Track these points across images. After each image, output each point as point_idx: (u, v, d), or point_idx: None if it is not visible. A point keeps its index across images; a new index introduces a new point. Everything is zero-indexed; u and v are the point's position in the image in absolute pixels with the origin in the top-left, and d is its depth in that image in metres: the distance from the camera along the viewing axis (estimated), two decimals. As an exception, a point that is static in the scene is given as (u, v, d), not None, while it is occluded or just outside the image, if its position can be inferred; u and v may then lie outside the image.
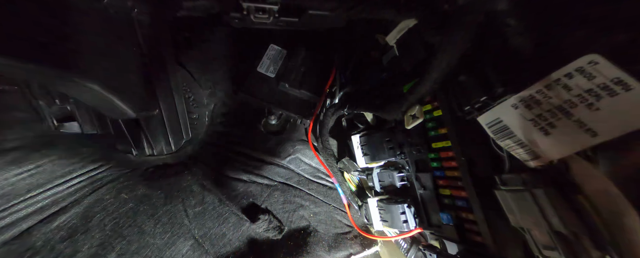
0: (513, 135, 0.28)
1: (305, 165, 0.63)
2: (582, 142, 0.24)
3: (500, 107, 0.29)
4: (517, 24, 0.28)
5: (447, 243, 0.38)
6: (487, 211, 0.32)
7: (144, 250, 0.48)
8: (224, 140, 0.61)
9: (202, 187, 0.56)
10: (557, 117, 0.25)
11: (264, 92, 0.58)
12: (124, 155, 0.56)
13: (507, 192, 0.30)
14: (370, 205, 0.50)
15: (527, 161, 0.28)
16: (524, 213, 0.28)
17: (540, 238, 0.28)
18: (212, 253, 0.52)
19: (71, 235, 0.46)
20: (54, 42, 0.32)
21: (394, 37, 0.45)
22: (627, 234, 0.23)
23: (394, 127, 0.47)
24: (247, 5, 0.46)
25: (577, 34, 0.25)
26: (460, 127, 0.34)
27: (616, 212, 0.23)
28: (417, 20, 0.40)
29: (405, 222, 0.43)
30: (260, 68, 0.59)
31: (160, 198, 0.53)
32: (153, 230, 0.50)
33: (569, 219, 0.25)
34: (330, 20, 0.51)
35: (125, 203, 0.51)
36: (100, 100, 0.42)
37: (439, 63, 0.31)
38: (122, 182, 0.53)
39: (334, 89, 0.56)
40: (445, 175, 0.38)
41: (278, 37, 0.61)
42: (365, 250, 0.59)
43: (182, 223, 0.52)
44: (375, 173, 0.50)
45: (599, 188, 0.24)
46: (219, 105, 0.62)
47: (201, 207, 0.55)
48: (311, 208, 0.61)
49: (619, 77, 0.22)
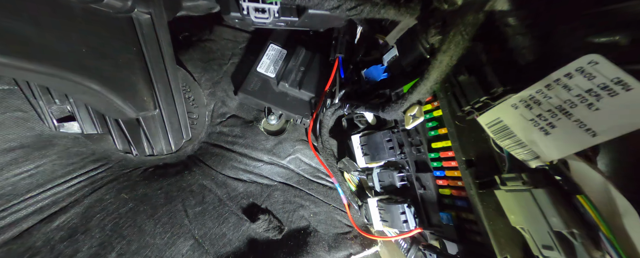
0: (513, 135, 0.28)
1: (305, 165, 0.63)
2: (582, 142, 0.24)
3: (500, 107, 0.29)
4: (517, 23, 0.28)
5: (447, 243, 0.38)
6: (487, 211, 0.32)
7: (144, 250, 0.48)
8: (224, 140, 0.61)
9: (202, 187, 0.56)
10: (557, 117, 0.25)
11: (263, 92, 0.58)
12: (124, 155, 0.56)
13: (507, 192, 0.30)
14: (370, 205, 0.50)
15: (527, 161, 0.28)
16: (523, 213, 0.28)
17: (540, 238, 0.28)
18: (212, 253, 0.52)
19: (71, 235, 0.46)
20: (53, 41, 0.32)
21: (394, 37, 0.45)
22: (626, 234, 0.23)
23: (394, 127, 0.47)
24: (247, 5, 0.46)
25: (577, 34, 0.26)
26: (460, 127, 0.34)
27: (616, 212, 0.23)
28: (417, 20, 0.40)
29: (405, 222, 0.43)
30: (260, 68, 0.59)
31: (160, 198, 0.53)
32: (153, 230, 0.50)
33: (569, 219, 0.25)
34: (330, 20, 0.52)
35: (125, 203, 0.51)
36: (100, 100, 0.42)
37: (438, 63, 0.31)
38: (122, 182, 0.53)
39: (333, 89, 0.56)
40: (445, 175, 0.38)
41: (278, 37, 0.61)
42: (365, 250, 0.59)
43: (182, 223, 0.52)
44: (375, 173, 0.50)
45: (599, 188, 0.24)
46: (219, 105, 0.62)
47: (201, 207, 0.55)
48: (311, 208, 0.61)
49: (619, 77, 0.22)
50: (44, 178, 0.48)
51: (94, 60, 0.37)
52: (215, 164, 0.59)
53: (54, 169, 0.49)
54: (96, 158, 0.53)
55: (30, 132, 0.47)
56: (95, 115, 0.51)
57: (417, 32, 0.39)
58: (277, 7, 0.47)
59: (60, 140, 0.50)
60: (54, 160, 0.49)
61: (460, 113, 0.33)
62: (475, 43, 0.31)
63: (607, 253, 0.24)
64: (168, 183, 0.55)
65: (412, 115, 0.40)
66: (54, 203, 0.48)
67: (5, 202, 0.44)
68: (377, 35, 0.50)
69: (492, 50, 0.31)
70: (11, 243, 0.44)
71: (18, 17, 0.28)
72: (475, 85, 0.30)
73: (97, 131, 0.52)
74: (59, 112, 0.49)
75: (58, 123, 0.49)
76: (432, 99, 0.38)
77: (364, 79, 0.52)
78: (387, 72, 0.49)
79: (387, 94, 0.47)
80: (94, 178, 0.52)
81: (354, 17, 0.46)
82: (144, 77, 0.46)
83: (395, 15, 0.40)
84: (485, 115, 0.30)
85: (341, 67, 0.55)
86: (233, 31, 0.64)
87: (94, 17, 0.36)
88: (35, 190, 0.47)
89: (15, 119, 0.46)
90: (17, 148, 0.46)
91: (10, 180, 0.45)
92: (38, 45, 0.30)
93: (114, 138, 0.53)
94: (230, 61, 0.63)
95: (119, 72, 0.41)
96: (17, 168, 0.46)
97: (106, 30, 0.38)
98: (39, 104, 0.47)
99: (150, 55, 0.44)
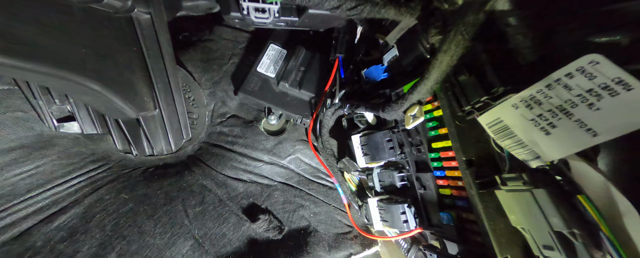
0: (513, 135, 0.28)
1: (305, 165, 0.63)
2: (582, 142, 0.24)
3: (500, 107, 0.29)
4: (517, 23, 0.28)
5: (448, 243, 0.38)
6: (487, 211, 0.32)
7: (144, 250, 0.48)
8: (224, 140, 0.61)
9: (202, 187, 0.56)
10: (557, 117, 0.25)
11: (263, 92, 0.58)
12: (124, 155, 0.56)
13: (508, 192, 0.30)
14: (370, 205, 0.50)
15: (528, 161, 0.28)
16: (524, 213, 0.28)
17: (540, 238, 0.27)
18: (212, 253, 0.51)
19: (71, 235, 0.46)
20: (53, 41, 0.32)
21: (394, 37, 0.45)
22: (627, 234, 0.23)
23: (394, 127, 0.47)
24: (247, 5, 0.46)
25: (578, 34, 0.25)
26: (460, 127, 0.34)
27: (616, 212, 0.23)
28: (417, 20, 0.40)
29: (406, 222, 0.43)
30: (260, 68, 0.59)
31: (160, 199, 0.53)
32: (153, 230, 0.50)
33: (569, 219, 0.25)
34: (331, 20, 0.51)
35: (125, 204, 0.51)
36: (100, 100, 0.42)
37: (439, 63, 0.31)
38: (122, 182, 0.53)
39: (334, 89, 0.56)
40: (445, 175, 0.38)
41: (278, 37, 0.61)
42: (365, 250, 0.59)
43: (182, 224, 0.52)
44: (376, 173, 0.50)
45: (599, 188, 0.24)
46: (219, 105, 0.62)
47: (201, 207, 0.54)
48: (311, 208, 0.60)
49: (619, 77, 0.22)
50: (44, 178, 0.48)
51: (94, 60, 0.37)
52: (215, 164, 0.59)
53: (54, 169, 0.49)
54: (96, 159, 0.53)
55: (30, 132, 0.47)
56: (95, 115, 0.51)
57: (417, 32, 0.39)
58: (277, 7, 0.47)
59: (60, 140, 0.50)
60: (54, 160, 0.49)
61: (460, 113, 0.33)
62: (476, 43, 0.31)
63: (608, 253, 0.24)
64: (168, 184, 0.55)
65: (412, 115, 0.40)
66: (54, 203, 0.48)
67: (5, 202, 0.44)
68: (378, 35, 0.50)
69: (493, 50, 0.31)
70: (11, 244, 0.44)
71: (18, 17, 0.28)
72: (475, 85, 0.30)
73: (97, 131, 0.52)
74: (59, 112, 0.49)
75: (58, 123, 0.49)
76: (432, 98, 0.38)
77: (364, 78, 0.52)
78: (387, 72, 0.49)
79: (387, 94, 0.47)
80: (94, 178, 0.52)
81: (354, 17, 0.46)
82: (144, 77, 0.46)
83: (395, 15, 0.40)
84: (486, 115, 0.30)
85: (341, 67, 0.55)
86: (233, 31, 0.64)
87: (94, 17, 0.36)
88: (35, 190, 0.47)
89: (15, 119, 0.46)
90: (17, 148, 0.46)
91: (10, 180, 0.45)
92: (38, 45, 0.30)
93: (114, 138, 0.53)
94: (230, 61, 0.63)
95: (119, 72, 0.41)
96: (17, 168, 0.46)
97: (106, 30, 0.38)
98: (39, 104, 0.47)
99: (150, 55, 0.44)
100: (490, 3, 0.28)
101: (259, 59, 0.59)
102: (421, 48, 0.38)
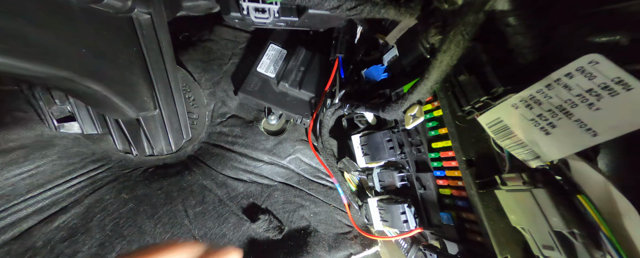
0: (513, 135, 0.28)
1: (305, 165, 0.63)
2: (582, 142, 0.24)
3: (500, 107, 0.29)
4: (517, 23, 0.28)
5: (448, 243, 0.38)
6: (487, 211, 0.32)
7: (144, 250, 0.48)
8: (224, 140, 0.61)
9: (202, 187, 0.56)
10: (557, 116, 0.25)
11: (263, 92, 0.58)
12: (124, 155, 0.56)
13: (508, 192, 0.30)
14: (370, 205, 0.50)
15: (528, 161, 0.28)
16: (524, 213, 0.28)
17: (540, 238, 0.27)
18: (213, 253, 0.52)
19: (71, 235, 0.46)
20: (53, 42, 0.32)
21: (394, 37, 0.45)
22: (627, 234, 0.23)
23: (394, 126, 0.47)
24: (247, 5, 0.46)
25: (578, 34, 0.25)
26: (460, 127, 0.34)
27: (616, 212, 0.23)
28: (417, 20, 0.40)
29: (406, 222, 0.43)
30: (260, 68, 0.59)
31: (160, 199, 0.53)
32: (153, 230, 0.50)
33: (569, 219, 0.25)
34: (331, 20, 0.51)
35: (126, 204, 0.51)
36: (101, 100, 0.42)
37: (438, 63, 0.31)
38: (122, 182, 0.53)
39: (333, 89, 0.56)
40: (445, 175, 0.38)
41: (278, 37, 0.61)
42: (365, 250, 0.59)
43: (182, 224, 0.52)
44: (376, 173, 0.50)
45: (599, 188, 0.24)
46: (219, 105, 0.62)
47: (201, 207, 0.55)
48: (311, 208, 0.61)
49: (619, 77, 0.22)
50: (44, 178, 0.48)
51: (94, 60, 0.37)
52: (215, 164, 0.59)
53: (54, 169, 0.49)
54: (96, 159, 0.53)
55: (31, 132, 0.48)
56: (95, 115, 0.51)
57: (417, 32, 0.39)
58: (277, 7, 0.47)
59: (61, 140, 0.50)
60: (54, 160, 0.49)
61: (460, 113, 0.33)
62: (476, 43, 0.31)
63: (608, 253, 0.24)
64: (168, 184, 0.55)
65: (412, 115, 0.40)
66: (54, 203, 0.48)
67: (5, 202, 0.44)
68: (377, 35, 0.50)
69: (493, 50, 0.31)
70: (11, 244, 0.44)
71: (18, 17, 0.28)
72: (475, 85, 0.30)
73: (97, 131, 0.52)
74: (59, 113, 0.49)
75: (58, 123, 0.49)
76: (432, 98, 0.38)
77: (364, 78, 0.52)
78: (387, 72, 0.49)
79: (387, 94, 0.47)
80: (94, 178, 0.52)
81: (354, 17, 0.46)
82: (144, 77, 0.45)
83: (395, 15, 0.40)
84: (486, 115, 0.30)
85: (341, 67, 0.55)
86: (233, 31, 0.64)
87: (94, 17, 0.36)
88: (36, 190, 0.47)
89: (15, 119, 0.46)
90: (17, 148, 0.46)
91: (10, 180, 0.45)
92: (38, 45, 0.30)
93: (114, 138, 0.53)
94: (230, 61, 0.63)
95: (119, 72, 0.41)
96: (17, 168, 0.46)
97: (106, 31, 0.38)
98: (39, 104, 0.47)
99: (150, 55, 0.44)
100: (490, 3, 0.28)
101: (259, 59, 0.59)
102: (421, 48, 0.38)
